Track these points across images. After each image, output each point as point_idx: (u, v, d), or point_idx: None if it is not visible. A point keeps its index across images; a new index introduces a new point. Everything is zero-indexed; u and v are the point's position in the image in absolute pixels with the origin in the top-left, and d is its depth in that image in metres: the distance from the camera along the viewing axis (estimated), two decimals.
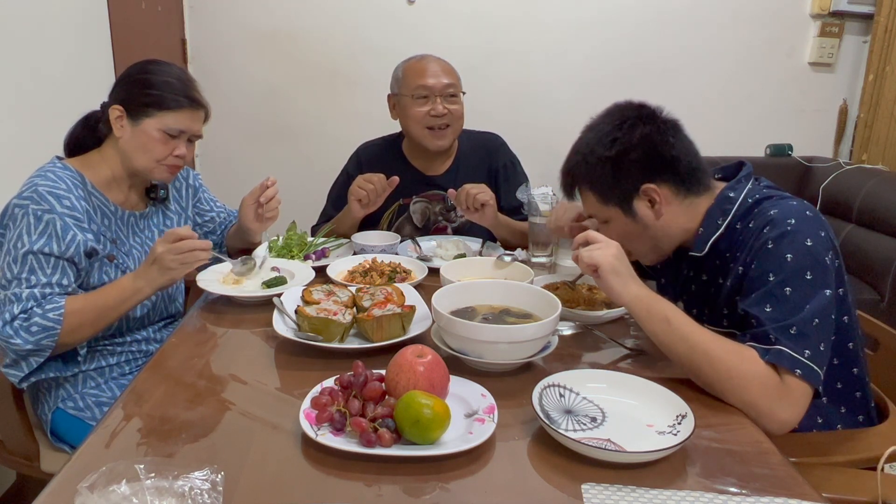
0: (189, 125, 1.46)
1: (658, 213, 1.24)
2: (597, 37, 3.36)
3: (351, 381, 0.98)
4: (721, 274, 1.25)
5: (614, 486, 0.84)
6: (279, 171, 3.31)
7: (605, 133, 1.24)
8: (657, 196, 1.22)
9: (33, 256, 1.30)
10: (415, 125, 1.94)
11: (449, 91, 1.91)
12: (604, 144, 1.23)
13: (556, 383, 1.05)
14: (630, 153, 1.21)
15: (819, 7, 3.33)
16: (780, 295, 1.08)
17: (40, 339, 1.28)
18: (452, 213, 2.03)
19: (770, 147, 3.50)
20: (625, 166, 1.22)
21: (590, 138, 1.26)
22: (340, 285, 1.45)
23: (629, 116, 1.24)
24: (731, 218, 1.22)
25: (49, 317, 1.28)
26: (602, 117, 1.28)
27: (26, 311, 1.28)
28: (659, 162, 1.22)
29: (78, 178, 1.41)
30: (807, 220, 1.13)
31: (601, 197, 1.27)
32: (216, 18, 3.24)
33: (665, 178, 1.22)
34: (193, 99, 1.46)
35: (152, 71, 1.45)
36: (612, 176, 1.23)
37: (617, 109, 1.27)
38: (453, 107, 1.92)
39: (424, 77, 1.91)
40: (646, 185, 1.22)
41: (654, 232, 1.26)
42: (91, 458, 0.89)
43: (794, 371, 1.03)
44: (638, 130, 1.22)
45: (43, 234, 1.30)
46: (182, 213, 1.68)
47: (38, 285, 1.30)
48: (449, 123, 1.93)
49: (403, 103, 1.95)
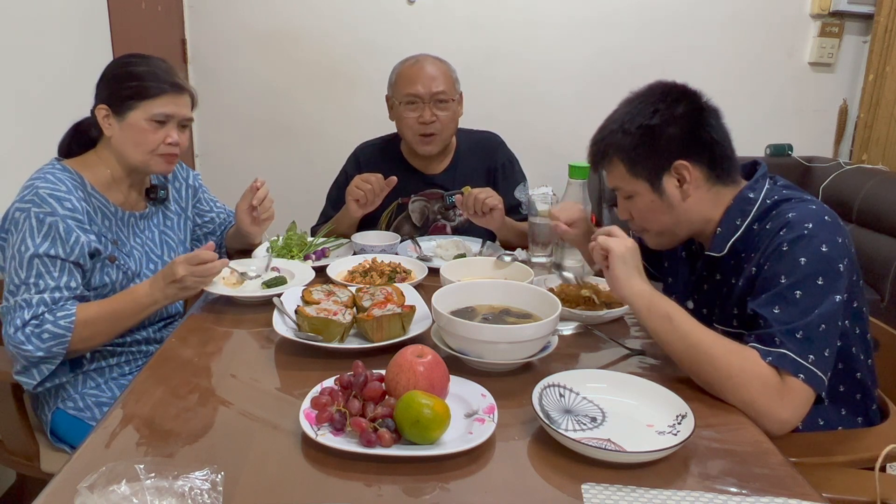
0: (175, 110, 1.44)
1: (685, 194, 1.22)
2: (597, 37, 3.36)
3: (351, 381, 0.98)
4: (735, 274, 1.24)
5: (614, 486, 0.84)
6: (279, 171, 3.35)
7: (649, 104, 1.22)
8: (688, 175, 1.20)
9: (39, 260, 1.30)
10: (406, 130, 1.94)
11: (438, 97, 1.89)
12: (644, 114, 1.21)
13: (556, 383, 1.05)
14: (670, 126, 1.20)
15: (819, 7, 3.33)
16: (791, 297, 1.08)
17: (51, 346, 1.28)
18: (451, 212, 2.03)
19: (770, 147, 3.50)
20: (663, 138, 1.20)
21: (630, 108, 1.24)
22: (340, 285, 1.44)
23: (673, 92, 1.23)
24: (750, 219, 1.21)
25: (60, 324, 1.28)
26: (644, 91, 1.26)
27: (37, 316, 1.28)
28: (697, 141, 1.21)
29: (77, 179, 1.41)
30: (825, 225, 1.12)
31: (632, 168, 1.24)
32: (216, 18, 3.24)
33: (699, 159, 1.21)
34: (175, 83, 1.44)
35: (129, 63, 1.45)
36: (647, 147, 1.21)
37: (660, 85, 1.25)
38: (443, 114, 1.90)
39: (414, 84, 1.89)
40: (679, 162, 1.20)
41: (677, 214, 1.24)
42: (91, 458, 0.89)
43: (798, 375, 1.03)
44: (681, 106, 1.21)
45: (47, 238, 1.30)
46: (182, 214, 1.67)
47: (47, 290, 1.30)
48: (436, 132, 1.92)
49: (395, 108, 1.95)
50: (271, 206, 1.69)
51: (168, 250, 1.60)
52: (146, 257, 1.54)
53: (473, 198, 1.76)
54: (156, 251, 1.57)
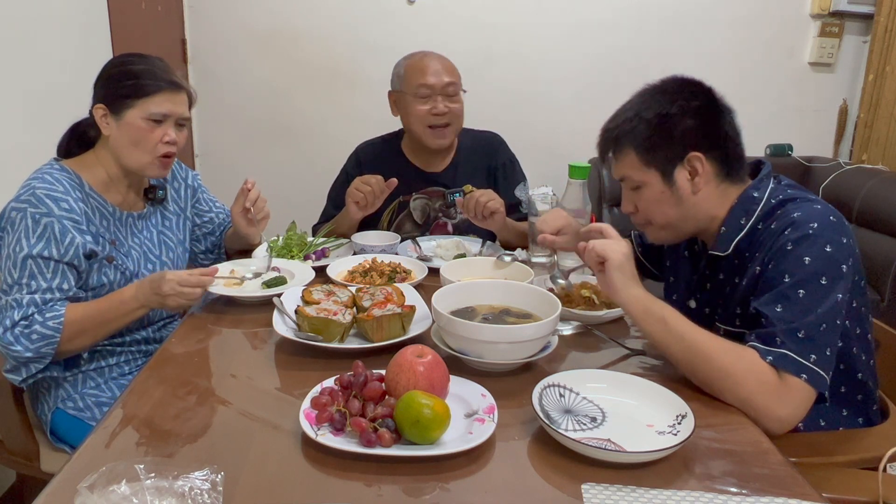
0: (172, 108, 1.43)
1: (696, 188, 1.22)
2: (597, 37, 3.36)
3: (351, 381, 0.98)
4: (738, 273, 1.24)
5: (614, 486, 0.84)
6: (279, 171, 3.35)
7: (667, 94, 1.23)
8: (700, 168, 1.20)
9: (33, 261, 1.30)
10: (416, 123, 1.94)
11: (450, 90, 1.91)
12: (662, 104, 1.21)
13: (556, 383, 1.05)
14: (688, 117, 1.20)
15: (819, 7, 3.33)
16: (793, 296, 1.08)
17: (40, 346, 1.29)
18: (452, 210, 2.03)
19: (770, 147, 3.50)
20: (679, 128, 1.20)
21: (645, 98, 1.25)
22: (340, 285, 1.44)
23: (691, 85, 1.24)
24: (755, 218, 1.21)
25: (49, 325, 1.28)
26: (660, 84, 1.26)
27: (27, 317, 1.28)
28: (713, 135, 1.21)
29: (76, 179, 1.41)
30: (830, 225, 1.12)
31: (644, 157, 1.23)
32: (216, 18, 3.24)
33: (713, 153, 1.21)
34: (172, 81, 1.44)
35: (126, 62, 1.44)
36: (662, 136, 1.21)
37: (677, 79, 1.26)
38: (454, 105, 1.92)
39: (426, 75, 1.90)
40: (693, 154, 1.20)
41: (685, 208, 1.24)
42: (91, 458, 0.89)
43: (800, 376, 1.03)
44: (699, 100, 1.22)
45: (41, 238, 1.30)
46: (181, 214, 1.67)
47: (38, 291, 1.30)
48: (449, 122, 1.93)
49: (405, 101, 1.94)
50: (265, 206, 1.68)
51: (166, 250, 1.60)
52: (144, 257, 1.54)
53: (475, 201, 1.76)
54: (154, 251, 1.57)
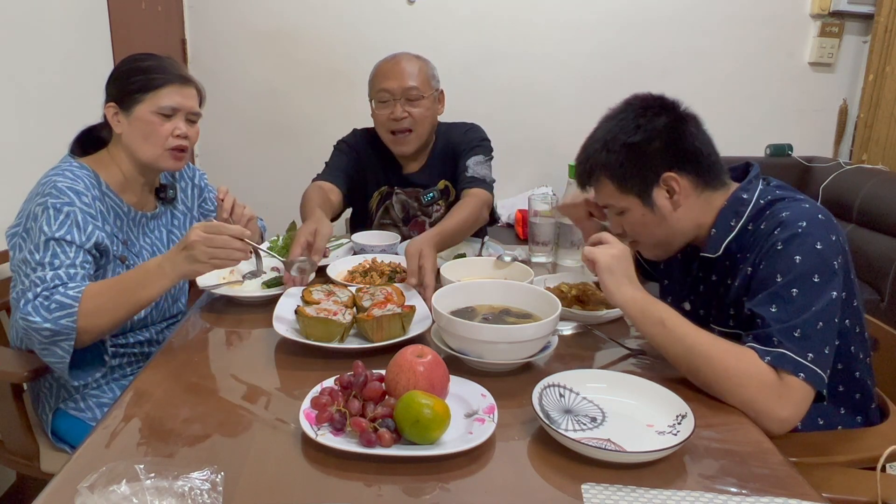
0: (181, 101, 1.44)
1: (676, 205, 1.22)
2: (597, 37, 3.36)
3: (351, 381, 0.98)
4: (730, 274, 1.24)
5: (614, 486, 0.84)
6: (279, 170, 3.35)
7: (629, 120, 1.22)
8: (677, 186, 1.21)
9: (55, 243, 1.28)
10: (379, 128, 1.91)
11: (411, 94, 1.84)
12: (626, 131, 1.21)
13: (556, 383, 1.05)
14: (653, 141, 1.20)
15: (819, 7, 3.34)
16: (787, 296, 1.08)
17: (58, 317, 1.21)
18: (430, 209, 2.02)
19: (770, 147, 3.50)
20: (648, 153, 1.20)
21: (611, 126, 1.25)
22: (340, 285, 1.44)
23: (651, 106, 1.23)
24: (744, 219, 1.21)
25: (69, 294, 1.22)
26: (622, 107, 1.26)
27: (49, 289, 1.23)
28: (682, 152, 1.21)
29: (93, 177, 1.41)
30: (818, 223, 1.13)
31: (620, 185, 1.24)
32: (216, 18, 3.24)
33: (686, 168, 1.21)
34: (180, 75, 1.44)
35: (135, 59, 1.45)
36: (633, 163, 1.21)
37: (637, 100, 1.26)
38: (415, 110, 1.85)
39: (386, 80, 1.86)
40: (667, 174, 1.20)
41: (669, 225, 1.24)
42: (91, 458, 0.89)
43: (798, 374, 1.03)
44: (661, 119, 1.21)
45: (64, 224, 1.30)
46: (188, 213, 1.68)
47: (62, 266, 1.27)
48: (410, 128, 1.87)
49: (372, 106, 1.92)
50: (245, 210, 1.55)
51: None
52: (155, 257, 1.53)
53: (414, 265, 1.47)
54: (164, 251, 1.57)
